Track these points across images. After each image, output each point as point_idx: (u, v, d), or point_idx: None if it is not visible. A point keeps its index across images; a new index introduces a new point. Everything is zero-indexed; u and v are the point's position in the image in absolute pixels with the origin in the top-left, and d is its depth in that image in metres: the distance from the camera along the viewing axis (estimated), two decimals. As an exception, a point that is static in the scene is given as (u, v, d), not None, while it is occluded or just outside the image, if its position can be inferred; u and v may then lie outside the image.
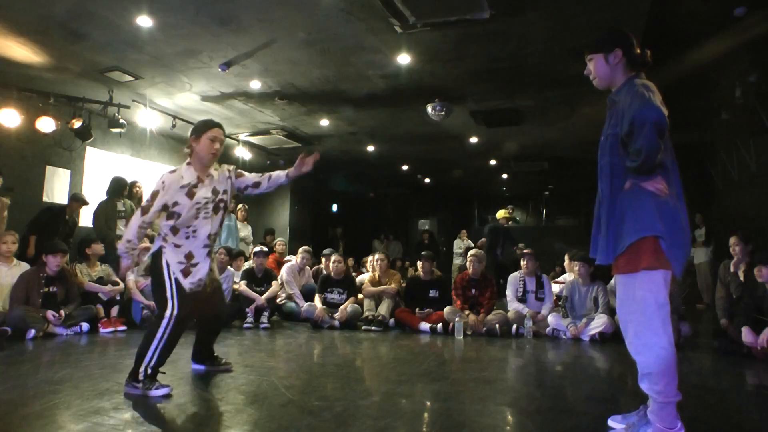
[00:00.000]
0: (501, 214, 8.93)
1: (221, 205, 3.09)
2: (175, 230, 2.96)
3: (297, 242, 9.84)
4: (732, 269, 4.76)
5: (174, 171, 3.03)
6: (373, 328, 5.48)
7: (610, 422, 2.27)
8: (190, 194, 2.97)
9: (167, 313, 2.87)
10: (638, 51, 2.17)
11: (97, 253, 5.53)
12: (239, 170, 3.25)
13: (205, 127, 3.06)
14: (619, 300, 2.18)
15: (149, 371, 2.81)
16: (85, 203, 6.55)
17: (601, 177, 2.17)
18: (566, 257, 6.26)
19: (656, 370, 1.98)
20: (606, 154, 2.15)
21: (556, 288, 6.13)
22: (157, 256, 2.97)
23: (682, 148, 2.14)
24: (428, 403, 2.78)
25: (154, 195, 2.94)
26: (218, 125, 3.09)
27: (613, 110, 2.17)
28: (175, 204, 2.95)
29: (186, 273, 2.95)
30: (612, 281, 5.57)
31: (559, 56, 5.49)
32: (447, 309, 5.40)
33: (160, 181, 2.97)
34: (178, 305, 2.89)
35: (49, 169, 6.96)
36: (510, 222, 9.06)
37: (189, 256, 2.97)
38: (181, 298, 2.91)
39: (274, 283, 5.94)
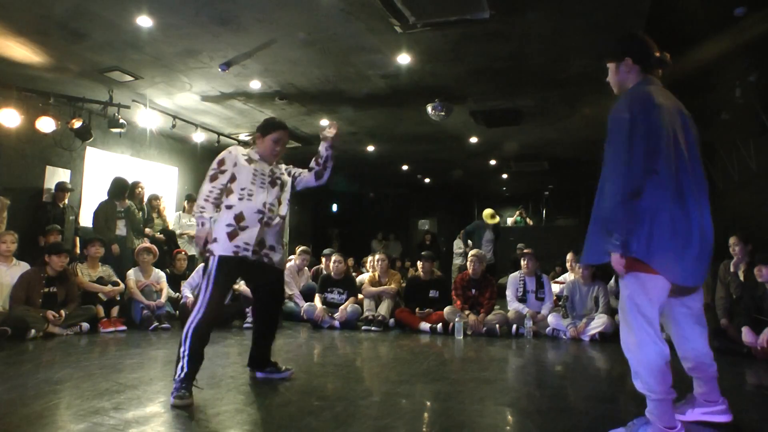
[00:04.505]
0: (486, 213, 8.93)
1: (278, 182, 3.11)
2: (229, 191, 2.97)
3: (297, 242, 9.83)
4: (732, 269, 4.76)
5: (241, 146, 3.16)
6: (373, 328, 5.48)
7: None
8: (249, 161, 3.05)
9: (199, 298, 2.79)
10: (657, 54, 2.22)
11: (97, 254, 5.53)
12: (299, 171, 3.29)
13: (270, 128, 3.12)
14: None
15: (183, 376, 2.65)
16: (70, 190, 6.67)
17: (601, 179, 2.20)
18: (569, 255, 6.25)
19: (642, 369, 2.03)
20: (604, 165, 2.17)
21: (556, 288, 6.13)
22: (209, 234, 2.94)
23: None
24: (428, 403, 2.78)
25: (222, 162, 3.00)
26: (283, 127, 3.14)
27: None
28: (235, 165, 3.00)
29: (232, 236, 2.88)
30: (612, 281, 5.58)
31: (559, 56, 5.49)
32: (447, 309, 5.40)
33: (226, 151, 3.05)
34: (212, 287, 2.78)
35: (49, 169, 6.95)
36: (520, 222, 8.99)
37: (239, 218, 2.91)
38: (218, 277, 2.80)
39: (274, 283, 5.93)
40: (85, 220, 6.99)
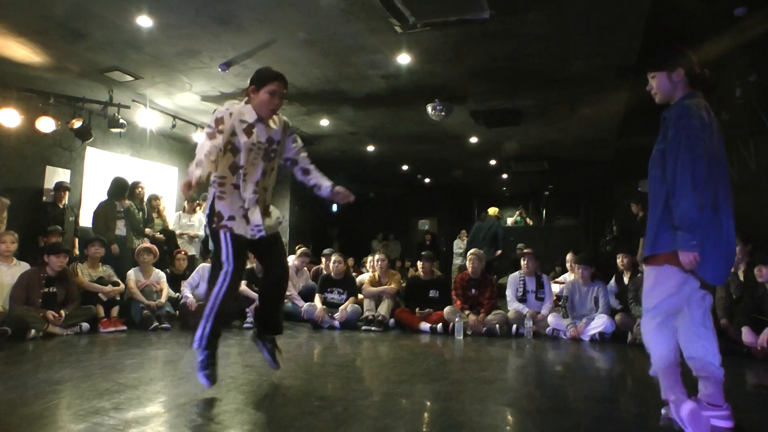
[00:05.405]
0: (492, 212, 8.97)
1: (272, 154, 2.85)
2: (234, 168, 2.76)
3: (297, 242, 9.83)
4: (732, 269, 4.76)
5: (237, 103, 2.82)
6: (373, 328, 5.48)
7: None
8: (248, 132, 2.76)
9: (222, 272, 2.68)
10: (698, 70, 2.33)
11: (97, 254, 5.53)
12: (295, 133, 3.02)
13: (265, 78, 2.79)
14: None
15: (204, 342, 2.65)
16: (68, 188, 6.64)
17: (650, 185, 2.37)
18: (569, 255, 6.25)
19: (654, 361, 2.27)
20: (654, 167, 2.31)
21: (556, 288, 6.13)
22: (212, 210, 2.74)
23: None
24: (428, 403, 2.79)
25: (220, 120, 2.70)
26: (280, 77, 2.82)
27: (664, 126, 2.32)
28: (234, 135, 2.73)
29: (247, 219, 2.73)
30: (612, 281, 5.58)
31: (559, 56, 5.49)
32: (447, 309, 5.40)
33: (223, 108, 2.75)
34: (233, 260, 2.68)
35: (49, 169, 6.95)
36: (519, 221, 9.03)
37: (243, 200, 2.76)
38: (236, 250, 2.70)
39: (274, 283, 5.92)
40: (85, 220, 6.99)
